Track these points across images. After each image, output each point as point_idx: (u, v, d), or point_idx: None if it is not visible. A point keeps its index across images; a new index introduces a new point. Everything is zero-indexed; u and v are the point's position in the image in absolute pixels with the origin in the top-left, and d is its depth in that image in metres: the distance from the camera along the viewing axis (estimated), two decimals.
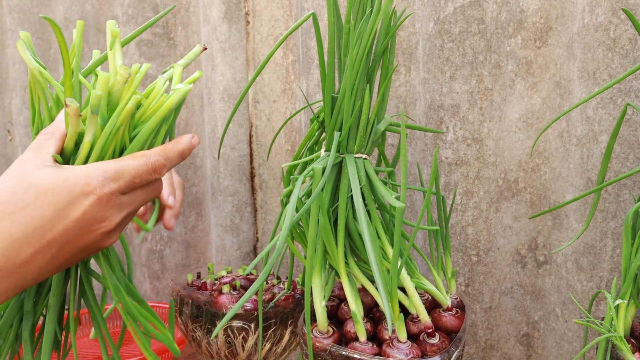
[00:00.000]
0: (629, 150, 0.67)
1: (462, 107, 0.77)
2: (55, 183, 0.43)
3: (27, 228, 0.42)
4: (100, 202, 0.44)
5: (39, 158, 0.44)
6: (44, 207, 0.42)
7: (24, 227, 0.42)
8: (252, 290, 0.45)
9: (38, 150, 0.45)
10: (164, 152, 0.48)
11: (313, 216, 0.53)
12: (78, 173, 0.43)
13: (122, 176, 0.45)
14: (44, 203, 0.42)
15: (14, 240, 0.42)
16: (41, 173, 0.43)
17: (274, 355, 0.71)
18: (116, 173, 0.44)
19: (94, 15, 1.20)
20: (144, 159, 0.46)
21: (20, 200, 0.42)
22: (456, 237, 0.80)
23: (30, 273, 0.44)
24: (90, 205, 0.43)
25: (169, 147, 0.49)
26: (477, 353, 0.81)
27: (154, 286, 1.17)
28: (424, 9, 0.78)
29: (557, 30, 0.71)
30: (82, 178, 0.43)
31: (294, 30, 0.59)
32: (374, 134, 0.59)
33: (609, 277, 0.69)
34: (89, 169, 0.44)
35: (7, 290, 0.43)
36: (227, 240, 1.07)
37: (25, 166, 0.44)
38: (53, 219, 0.42)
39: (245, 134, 1.05)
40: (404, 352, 0.51)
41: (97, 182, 0.43)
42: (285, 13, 0.98)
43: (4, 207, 0.42)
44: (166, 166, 0.48)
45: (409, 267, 0.58)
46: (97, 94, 0.44)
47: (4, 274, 0.42)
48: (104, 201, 0.44)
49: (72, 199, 0.43)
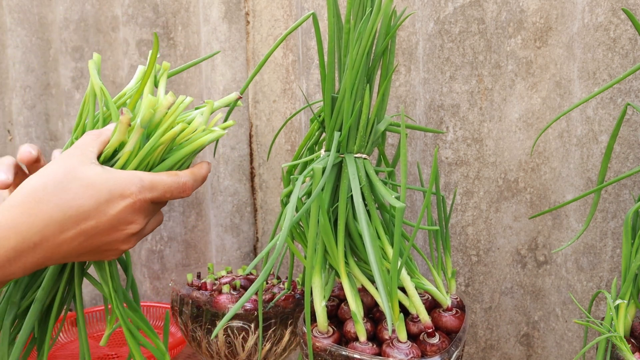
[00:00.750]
0: (629, 150, 0.67)
1: (462, 107, 0.77)
2: (98, 181, 0.48)
3: (66, 214, 0.46)
4: (133, 206, 0.49)
5: (85, 155, 0.49)
6: (85, 199, 0.47)
7: (62, 213, 0.46)
8: (252, 290, 0.45)
9: (84, 148, 0.50)
10: (193, 174, 0.54)
11: (313, 216, 0.53)
12: (120, 177, 0.49)
13: (156, 188, 0.50)
14: (86, 196, 0.47)
15: (53, 222, 0.46)
16: (86, 169, 0.48)
17: (274, 355, 0.71)
18: (152, 184, 0.50)
19: (94, 15, 1.20)
20: (177, 177, 0.52)
21: (65, 189, 0.47)
22: (456, 237, 0.80)
23: (57, 254, 0.48)
24: (125, 207, 0.48)
25: (196, 170, 0.55)
26: (477, 353, 0.81)
27: (154, 286, 1.17)
28: (424, 9, 0.78)
29: (557, 30, 0.71)
30: (123, 182, 0.48)
31: (294, 30, 0.59)
32: (374, 134, 0.59)
33: (609, 277, 0.69)
34: (129, 175, 0.49)
35: (33, 264, 0.47)
36: (227, 240, 1.07)
37: (71, 161, 0.48)
38: (91, 211, 0.47)
39: (245, 134, 1.05)
40: (404, 352, 0.51)
41: (135, 188, 0.49)
42: (285, 13, 0.98)
43: (50, 192, 0.46)
44: (193, 187, 0.54)
45: (409, 267, 0.58)
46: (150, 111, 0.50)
47: (37, 250, 0.47)
48: (137, 206, 0.49)
49: (111, 197, 0.48)
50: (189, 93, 1.12)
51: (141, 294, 1.18)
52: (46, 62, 1.33)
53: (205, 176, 0.55)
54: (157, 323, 1.07)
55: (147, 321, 0.58)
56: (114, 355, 0.94)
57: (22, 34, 1.31)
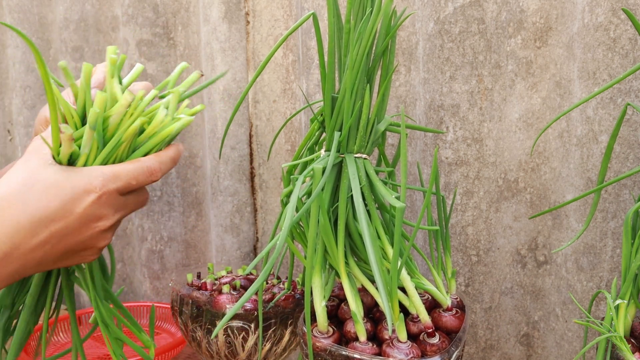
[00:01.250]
0: (629, 150, 0.67)
1: (462, 107, 0.77)
2: (59, 180, 0.47)
3: (34, 218, 0.45)
4: (100, 201, 0.48)
5: (41, 157, 0.48)
6: (50, 199, 0.46)
7: (30, 217, 0.45)
8: (252, 290, 0.45)
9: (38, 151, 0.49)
10: (158, 156, 0.52)
11: (313, 216, 0.53)
12: (81, 172, 0.48)
13: (119, 178, 0.49)
14: (50, 196, 0.46)
15: (21, 227, 0.45)
16: (46, 170, 0.47)
17: (274, 355, 0.71)
18: (115, 174, 0.49)
19: (94, 15, 1.20)
20: (140, 163, 0.51)
21: (28, 193, 0.46)
22: (456, 237, 0.80)
23: (32, 261, 0.47)
24: (91, 202, 0.47)
25: (162, 153, 0.53)
26: (477, 353, 0.81)
27: (154, 286, 1.17)
28: (424, 9, 0.78)
29: (557, 30, 0.71)
30: (85, 177, 0.47)
31: (294, 30, 0.59)
32: (374, 134, 0.59)
33: (609, 277, 0.69)
34: (91, 169, 0.48)
35: (8, 277, 0.46)
36: (227, 240, 1.07)
37: (29, 165, 0.48)
38: (57, 212, 0.46)
39: (245, 134, 1.05)
40: (404, 352, 0.51)
41: (97, 181, 0.47)
42: (285, 13, 0.98)
43: (14, 198, 0.46)
44: (161, 169, 0.52)
45: (409, 267, 0.58)
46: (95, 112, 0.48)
47: (8, 259, 0.46)
48: (103, 200, 0.48)
49: (75, 195, 0.47)
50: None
51: (141, 294, 1.18)
52: (46, 62, 1.33)
53: (174, 158, 0.54)
54: (157, 323, 1.07)
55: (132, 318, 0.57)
56: None
57: None
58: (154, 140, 0.52)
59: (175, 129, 0.52)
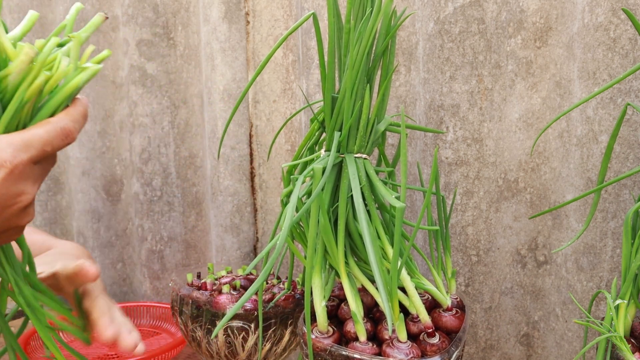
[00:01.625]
0: (629, 150, 0.67)
1: (462, 107, 0.77)
2: None
3: None
4: (13, 175, 0.42)
5: None
6: None
7: None
8: (252, 290, 0.45)
9: None
10: (70, 115, 0.46)
11: (313, 216, 0.53)
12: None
13: (32, 145, 0.43)
14: None
15: None
16: None
17: (274, 355, 0.71)
18: (25, 143, 0.42)
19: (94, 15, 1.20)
20: (51, 125, 0.44)
21: None
22: (456, 237, 0.80)
23: None
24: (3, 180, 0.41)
25: (71, 110, 0.47)
26: (477, 353, 0.81)
27: (154, 286, 1.17)
28: (424, 9, 0.78)
29: (557, 30, 0.71)
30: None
31: (294, 30, 0.59)
32: (374, 134, 0.59)
33: (609, 277, 0.69)
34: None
35: None
36: (227, 240, 1.07)
37: None
38: None
39: (245, 134, 1.05)
40: (404, 352, 0.51)
41: (6, 154, 0.41)
42: (285, 13, 0.98)
43: None
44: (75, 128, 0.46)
45: (409, 267, 0.58)
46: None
47: None
48: (16, 174, 0.42)
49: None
50: (189, 93, 1.12)
51: (141, 294, 1.18)
52: None
53: (84, 113, 0.47)
54: (157, 323, 1.07)
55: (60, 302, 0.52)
56: (114, 355, 0.94)
57: None
58: (59, 96, 0.46)
59: (82, 80, 0.46)
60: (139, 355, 0.82)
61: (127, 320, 0.57)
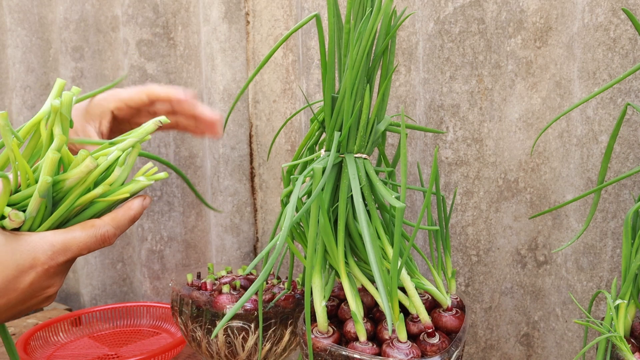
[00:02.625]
0: (629, 150, 0.67)
1: (462, 107, 0.77)
2: (2, 256, 0.43)
3: None
4: (47, 273, 0.44)
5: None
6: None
7: None
8: (252, 290, 0.45)
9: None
10: (115, 220, 0.48)
11: (313, 216, 0.53)
12: (26, 246, 0.43)
13: (69, 249, 0.45)
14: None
15: None
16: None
17: (274, 355, 0.71)
18: (64, 246, 0.45)
19: (94, 15, 1.20)
20: (93, 230, 0.46)
21: None
22: (456, 237, 0.80)
23: None
24: (37, 277, 0.44)
25: (120, 215, 0.48)
26: (477, 353, 0.81)
27: (154, 286, 1.17)
28: (424, 9, 0.78)
29: (557, 30, 0.71)
30: (30, 252, 0.43)
31: (296, 30, 0.59)
32: (374, 134, 0.59)
33: (609, 277, 0.69)
34: (37, 242, 0.44)
35: None
36: (227, 240, 1.07)
37: None
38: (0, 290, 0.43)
39: (245, 134, 1.05)
40: (404, 352, 0.51)
41: (45, 257, 0.44)
42: (285, 13, 0.98)
43: None
44: (116, 235, 0.48)
45: (409, 267, 0.58)
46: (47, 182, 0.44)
47: None
48: (50, 272, 0.44)
49: (19, 272, 0.43)
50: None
51: (141, 294, 1.18)
52: (46, 62, 1.33)
53: (134, 217, 0.49)
54: (157, 323, 1.07)
55: None
56: (114, 355, 0.94)
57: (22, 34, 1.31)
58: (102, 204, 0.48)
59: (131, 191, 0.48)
60: (139, 355, 0.82)
61: None
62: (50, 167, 0.44)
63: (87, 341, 1.00)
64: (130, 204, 0.49)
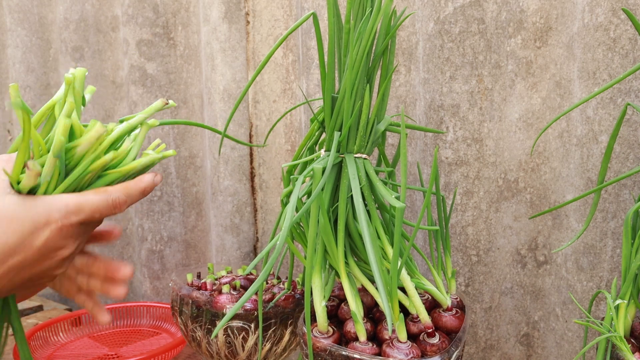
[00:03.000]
0: (629, 150, 0.67)
1: (462, 107, 0.77)
2: (19, 212, 0.44)
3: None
4: (61, 232, 0.46)
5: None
6: (8, 235, 0.44)
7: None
8: (252, 290, 0.45)
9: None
10: (126, 189, 0.50)
11: (313, 216, 0.53)
12: (42, 204, 0.45)
13: (83, 210, 0.47)
14: (8, 231, 0.44)
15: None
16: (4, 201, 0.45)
17: (274, 355, 0.71)
18: (78, 206, 0.47)
19: (94, 15, 1.20)
20: (105, 194, 0.48)
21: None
22: (456, 237, 0.80)
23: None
24: (51, 235, 0.45)
25: (131, 185, 0.51)
26: (477, 353, 0.81)
27: (154, 286, 1.17)
28: (424, 9, 0.78)
29: (557, 30, 0.71)
30: (46, 210, 0.45)
31: (294, 30, 0.59)
32: (374, 134, 0.59)
33: (609, 277, 0.69)
34: (52, 200, 0.46)
35: None
36: (227, 240, 1.07)
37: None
38: (16, 247, 0.44)
39: (245, 134, 1.05)
40: (404, 352, 0.51)
41: (59, 214, 0.46)
42: (285, 13, 0.98)
43: None
44: (127, 202, 0.50)
45: (409, 267, 0.58)
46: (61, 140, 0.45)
47: None
48: (64, 232, 0.46)
49: (35, 228, 0.45)
50: (189, 93, 1.12)
51: (141, 294, 1.18)
52: (46, 62, 1.33)
53: (144, 189, 0.51)
54: (157, 323, 1.07)
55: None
56: (114, 355, 0.94)
57: (22, 34, 1.31)
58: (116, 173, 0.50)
59: (140, 164, 0.50)
60: (139, 355, 0.82)
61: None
62: (63, 132, 0.46)
63: (87, 341, 1.00)
64: (141, 177, 0.52)
